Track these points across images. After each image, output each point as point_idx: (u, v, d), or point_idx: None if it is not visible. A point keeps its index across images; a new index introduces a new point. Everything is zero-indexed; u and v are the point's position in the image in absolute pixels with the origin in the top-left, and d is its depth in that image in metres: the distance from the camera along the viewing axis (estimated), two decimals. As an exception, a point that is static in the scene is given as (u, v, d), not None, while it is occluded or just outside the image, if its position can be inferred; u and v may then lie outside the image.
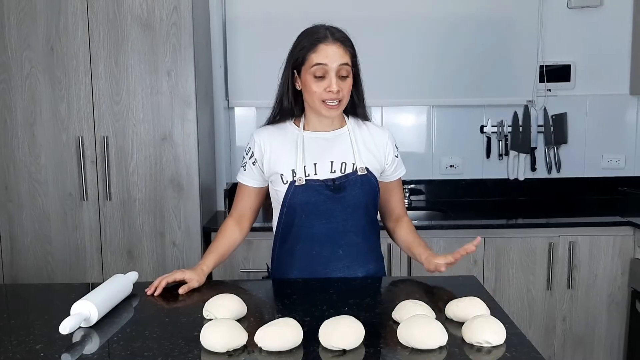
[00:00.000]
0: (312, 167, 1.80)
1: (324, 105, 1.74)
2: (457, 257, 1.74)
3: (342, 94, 1.74)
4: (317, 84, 1.72)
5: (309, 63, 1.72)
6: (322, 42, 1.72)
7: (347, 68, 1.73)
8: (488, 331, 1.32)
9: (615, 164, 3.44)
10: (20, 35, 2.65)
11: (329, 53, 1.71)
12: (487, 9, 3.29)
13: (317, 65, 1.71)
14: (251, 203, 1.93)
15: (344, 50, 1.73)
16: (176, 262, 2.78)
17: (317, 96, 1.73)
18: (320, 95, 1.73)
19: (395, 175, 1.92)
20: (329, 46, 1.72)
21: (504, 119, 3.37)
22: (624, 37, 3.36)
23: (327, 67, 1.71)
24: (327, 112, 1.75)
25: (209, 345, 1.31)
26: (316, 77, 1.72)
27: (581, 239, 2.87)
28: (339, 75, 1.72)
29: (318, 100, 1.74)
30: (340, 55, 1.72)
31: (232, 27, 3.27)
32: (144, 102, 2.71)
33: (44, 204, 2.75)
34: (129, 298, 1.67)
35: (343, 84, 1.73)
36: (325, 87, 1.71)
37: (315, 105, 1.76)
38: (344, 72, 1.73)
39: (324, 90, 1.72)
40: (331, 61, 1.71)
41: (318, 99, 1.74)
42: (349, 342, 1.31)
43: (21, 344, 1.37)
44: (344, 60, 1.72)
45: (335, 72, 1.71)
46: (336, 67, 1.71)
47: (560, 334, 2.92)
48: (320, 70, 1.71)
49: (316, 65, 1.71)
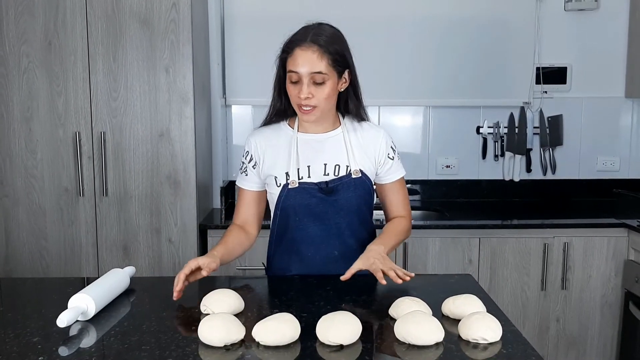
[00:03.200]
0: (306, 170, 1.79)
1: (299, 110, 1.73)
2: (350, 273, 1.66)
3: (315, 101, 1.70)
4: (292, 87, 1.71)
5: (287, 67, 1.71)
6: (298, 45, 1.69)
7: (322, 76, 1.68)
8: (484, 328, 1.33)
9: (610, 166, 3.47)
10: (18, 30, 2.65)
11: (301, 60, 1.67)
12: (485, 11, 3.31)
13: (290, 72, 1.70)
14: (255, 209, 1.89)
15: (320, 56, 1.67)
16: (172, 259, 2.78)
17: (294, 100, 1.73)
18: (295, 99, 1.72)
19: (390, 177, 1.87)
20: (304, 51, 1.67)
21: (500, 120, 3.38)
22: (620, 40, 3.38)
23: (298, 74, 1.68)
24: (302, 116, 1.75)
25: (207, 340, 1.32)
26: (292, 82, 1.71)
27: (575, 240, 2.88)
28: (313, 82, 1.69)
29: (295, 105, 1.74)
30: (313, 62, 1.67)
31: (230, 25, 3.27)
32: (141, 98, 2.71)
33: (39, 199, 2.75)
34: (126, 292, 1.67)
35: (317, 90, 1.69)
36: (298, 93, 1.70)
37: (294, 107, 1.76)
38: (319, 79, 1.69)
39: (297, 95, 1.70)
40: (303, 69, 1.67)
41: (295, 104, 1.74)
42: (346, 338, 1.31)
43: (18, 337, 1.37)
44: (316, 68, 1.67)
45: (307, 79, 1.68)
46: (308, 75, 1.68)
47: (554, 335, 2.94)
48: (294, 76, 1.70)
49: (290, 72, 1.70)
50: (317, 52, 1.68)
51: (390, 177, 1.88)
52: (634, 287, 2.79)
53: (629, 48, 3.37)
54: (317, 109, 1.72)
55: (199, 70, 2.87)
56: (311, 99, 1.69)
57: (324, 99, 1.71)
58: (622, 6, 3.36)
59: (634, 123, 3.45)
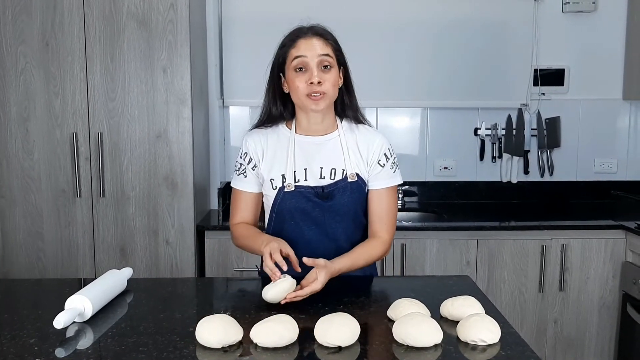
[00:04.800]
0: (302, 173, 1.78)
1: (309, 99, 1.70)
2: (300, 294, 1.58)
3: (325, 87, 1.70)
4: (299, 77, 1.70)
5: (290, 59, 1.71)
6: (301, 37, 1.72)
7: (329, 59, 1.70)
8: (483, 330, 1.33)
9: (608, 168, 3.47)
10: (15, 30, 2.64)
11: (308, 46, 1.70)
12: (482, 13, 3.31)
13: (297, 58, 1.69)
14: (253, 212, 1.87)
15: (324, 43, 1.71)
16: (169, 260, 2.77)
17: (301, 91, 1.70)
18: (303, 89, 1.70)
19: (375, 184, 1.80)
20: (308, 40, 1.71)
21: (498, 122, 3.38)
22: (618, 42, 3.39)
23: (306, 58, 1.69)
24: (313, 105, 1.71)
25: (205, 341, 1.31)
26: (297, 71, 1.70)
27: (573, 242, 2.88)
28: (321, 66, 1.70)
29: (303, 96, 1.71)
30: (320, 47, 1.70)
31: (227, 26, 3.27)
32: (139, 99, 2.70)
33: (36, 201, 2.74)
34: (123, 294, 1.66)
35: (326, 76, 1.70)
36: (307, 80, 1.69)
37: (301, 102, 1.73)
38: (326, 63, 1.70)
39: (306, 84, 1.69)
40: (311, 52, 1.69)
41: (302, 95, 1.71)
42: (344, 339, 1.31)
43: (15, 338, 1.36)
44: (324, 51, 1.70)
45: (316, 64, 1.69)
46: (317, 58, 1.69)
47: (552, 337, 2.94)
48: (300, 63, 1.69)
49: (296, 58, 1.69)
50: (321, 39, 1.72)
51: (377, 183, 1.80)
52: (631, 289, 2.79)
53: (626, 50, 3.38)
54: (326, 95, 1.71)
55: (197, 71, 2.86)
56: (322, 84, 1.69)
57: (332, 86, 1.72)
58: (620, 8, 3.37)
59: (632, 125, 3.46)
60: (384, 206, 1.81)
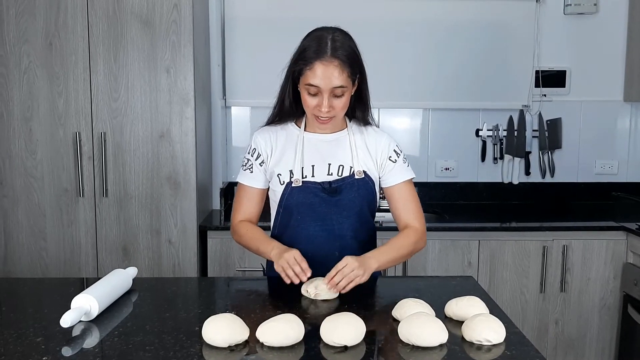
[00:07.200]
0: (310, 169, 1.80)
1: (315, 119, 1.75)
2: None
3: (334, 112, 1.72)
4: (310, 99, 1.71)
5: (304, 79, 1.70)
6: (320, 58, 1.67)
7: (342, 89, 1.69)
8: (488, 330, 1.34)
9: (609, 169, 3.48)
10: (18, 30, 2.64)
11: (323, 75, 1.66)
12: (484, 14, 3.31)
13: (310, 86, 1.69)
14: (257, 207, 1.89)
15: (341, 71, 1.67)
16: (171, 260, 2.78)
17: (310, 109, 1.74)
18: (312, 110, 1.73)
19: (393, 179, 1.86)
20: (326, 66, 1.66)
21: (500, 123, 3.39)
22: (619, 44, 3.40)
23: (319, 88, 1.68)
24: (319, 125, 1.77)
25: (211, 340, 1.32)
26: (309, 94, 1.71)
27: (574, 242, 2.89)
28: (333, 95, 1.70)
29: (310, 113, 1.75)
30: (335, 77, 1.66)
31: (230, 27, 3.27)
32: (142, 99, 2.70)
33: (39, 200, 2.74)
34: (128, 293, 1.67)
35: (336, 102, 1.71)
36: (317, 104, 1.70)
37: (309, 115, 1.78)
38: (339, 92, 1.70)
39: (316, 107, 1.71)
40: (324, 84, 1.67)
41: (310, 112, 1.75)
42: (350, 339, 1.32)
43: (21, 337, 1.37)
44: (338, 82, 1.67)
45: (327, 94, 1.69)
46: (329, 90, 1.68)
47: (553, 337, 2.94)
48: (313, 90, 1.69)
49: (309, 85, 1.69)
50: (338, 67, 1.67)
51: (393, 179, 1.86)
52: (632, 290, 2.80)
53: (627, 52, 3.39)
54: (334, 118, 1.75)
55: (200, 71, 2.87)
56: (330, 111, 1.71)
57: (341, 109, 1.73)
58: (621, 10, 3.38)
59: (633, 126, 3.47)
60: (408, 197, 1.87)
